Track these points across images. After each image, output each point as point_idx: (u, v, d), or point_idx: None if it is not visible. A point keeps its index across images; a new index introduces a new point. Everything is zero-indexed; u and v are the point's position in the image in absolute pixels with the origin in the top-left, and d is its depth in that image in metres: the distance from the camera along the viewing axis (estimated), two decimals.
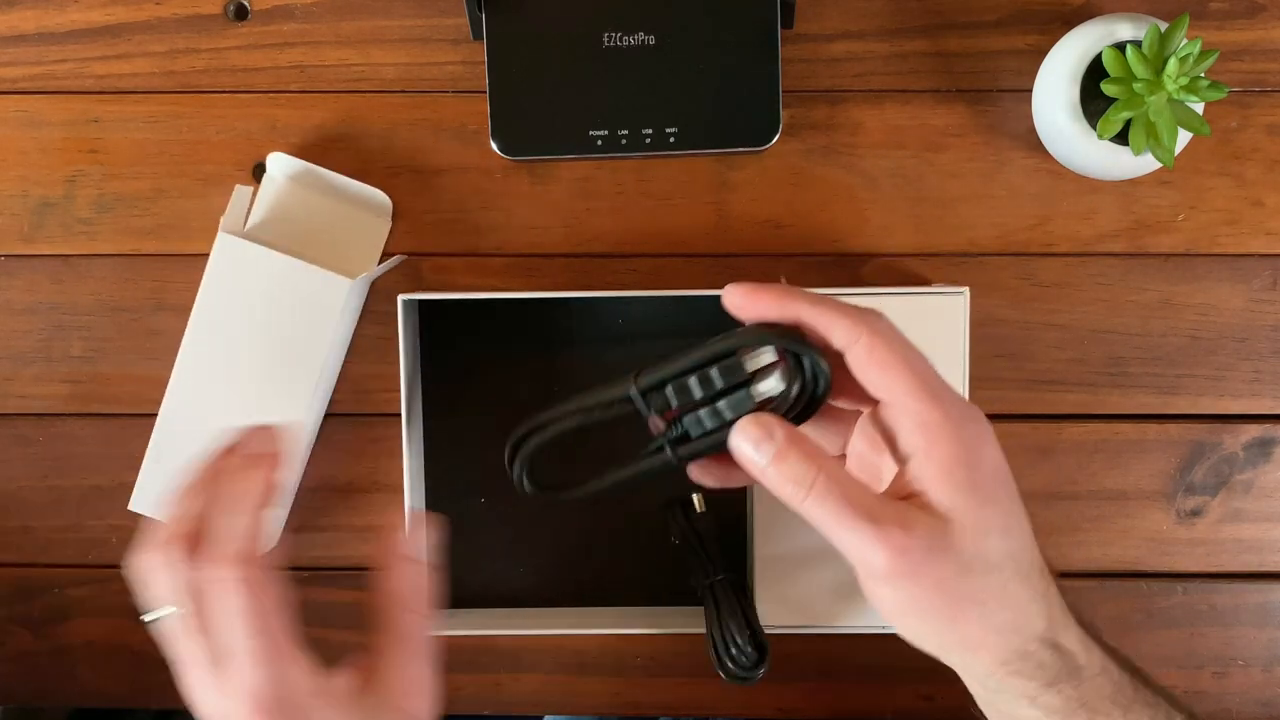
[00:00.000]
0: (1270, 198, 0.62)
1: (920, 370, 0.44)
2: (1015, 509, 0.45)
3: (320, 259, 0.60)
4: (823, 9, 0.62)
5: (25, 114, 0.63)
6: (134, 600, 0.64)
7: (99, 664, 0.65)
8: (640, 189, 0.63)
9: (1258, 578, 0.64)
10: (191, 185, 0.63)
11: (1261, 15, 0.62)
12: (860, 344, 0.45)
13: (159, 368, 0.62)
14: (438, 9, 0.63)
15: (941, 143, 0.62)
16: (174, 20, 0.63)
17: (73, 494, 0.64)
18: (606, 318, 0.61)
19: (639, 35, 0.61)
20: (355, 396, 0.64)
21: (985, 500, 0.44)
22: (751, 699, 0.63)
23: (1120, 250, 0.63)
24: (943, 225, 0.63)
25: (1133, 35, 0.55)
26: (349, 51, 0.63)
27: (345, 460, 0.64)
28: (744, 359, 0.46)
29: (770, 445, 0.45)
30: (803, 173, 0.63)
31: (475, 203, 0.63)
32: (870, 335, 0.44)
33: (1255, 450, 0.63)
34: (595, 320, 0.61)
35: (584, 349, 0.61)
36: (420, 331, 0.61)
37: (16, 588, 0.65)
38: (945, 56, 0.62)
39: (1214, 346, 0.63)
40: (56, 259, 0.64)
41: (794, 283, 0.62)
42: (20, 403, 0.64)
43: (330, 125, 0.63)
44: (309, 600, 0.64)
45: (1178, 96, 0.54)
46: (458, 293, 0.59)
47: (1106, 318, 0.63)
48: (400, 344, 0.58)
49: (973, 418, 0.45)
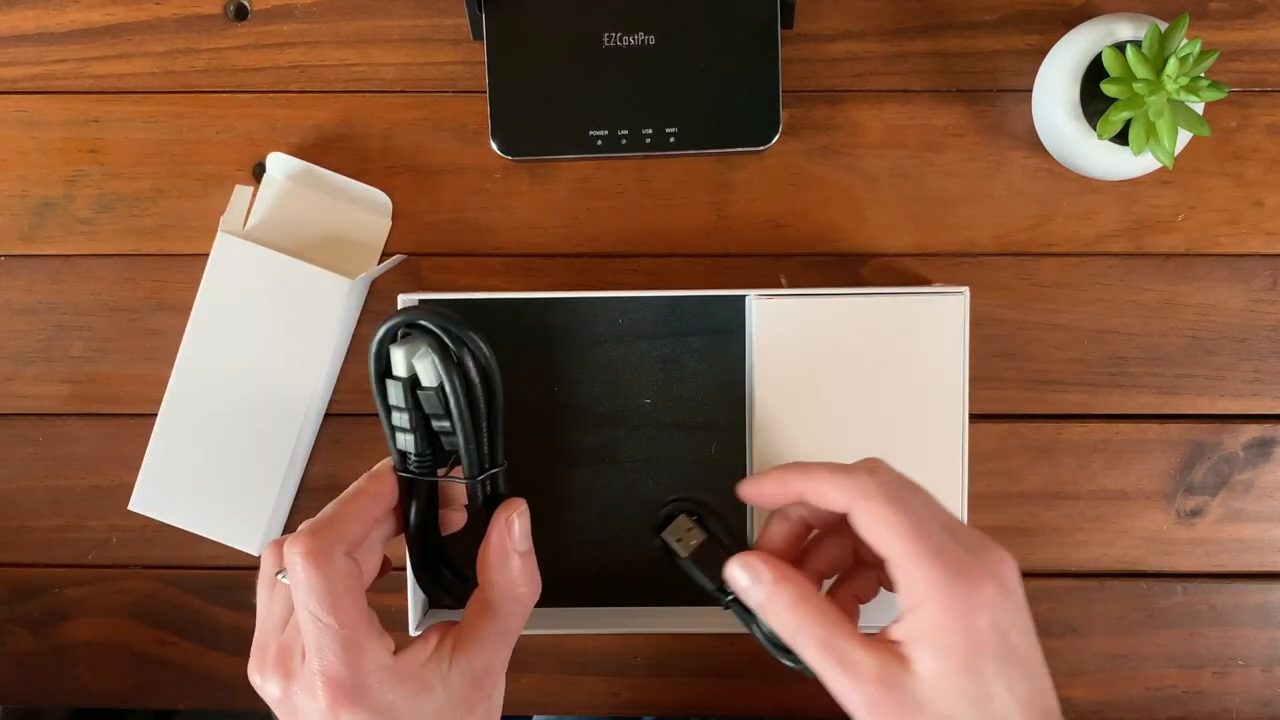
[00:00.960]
0: (1270, 198, 0.62)
1: (919, 527, 0.45)
2: (1002, 679, 0.44)
3: (320, 259, 0.60)
4: (823, 9, 0.62)
5: (25, 114, 0.63)
6: (134, 600, 0.64)
7: (99, 664, 0.65)
8: (640, 189, 0.63)
9: (1258, 578, 0.64)
10: (191, 185, 0.63)
11: (1261, 15, 0.62)
12: (855, 510, 0.46)
13: (159, 368, 0.62)
14: (438, 9, 0.63)
15: (941, 143, 0.62)
16: (174, 20, 0.63)
17: (73, 494, 0.64)
18: (607, 317, 0.61)
19: (639, 35, 0.61)
20: (355, 396, 0.64)
21: (963, 669, 0.44)
22: (751, 699, 0.63)
23: (1120, 250, 0.63)
24: (942, 225, 0.63)
25: (1133, 35, 0.55)
26: (349, 51, 0.63)
27: (345, 460, 0.64)
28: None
29: (760, 590, 0.47)
30: (803, 173, 0.63)
31: (475, 203, 0.63)
32: (863, 500, 0.46)
33: (1255, 450, 0.63)
34: (595, 320, 0.61)
35: (584, 348, 0.61)
36: None
37: (16, 588, 0.65)
38: (945, 56, 0.62)
39: (1214, 346, 0.63)
40: (56, 259, 0.64)
41: (794, 283, 0.62)
42: (20, 403, 0.64)
43: (330, 125, 0.63)
44: None
45: (1178, 96, 0.54)
46: (458, 293, 0.59)
47: (1106, 318, 0.63)
48: None
49: (975, 576, 0.44)
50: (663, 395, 0.59)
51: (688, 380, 0.59)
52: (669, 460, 0.60)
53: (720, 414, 0.58)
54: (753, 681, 0.62)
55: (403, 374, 0.49)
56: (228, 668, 0.64)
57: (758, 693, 0.64)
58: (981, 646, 0.44)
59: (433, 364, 0.48)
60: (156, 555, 0.64)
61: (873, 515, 0.46)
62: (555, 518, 0.61)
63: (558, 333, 0.61)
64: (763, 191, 0.63)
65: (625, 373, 0.60)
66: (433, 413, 0.49)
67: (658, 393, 0.59)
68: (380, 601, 0.64)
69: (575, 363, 0.60)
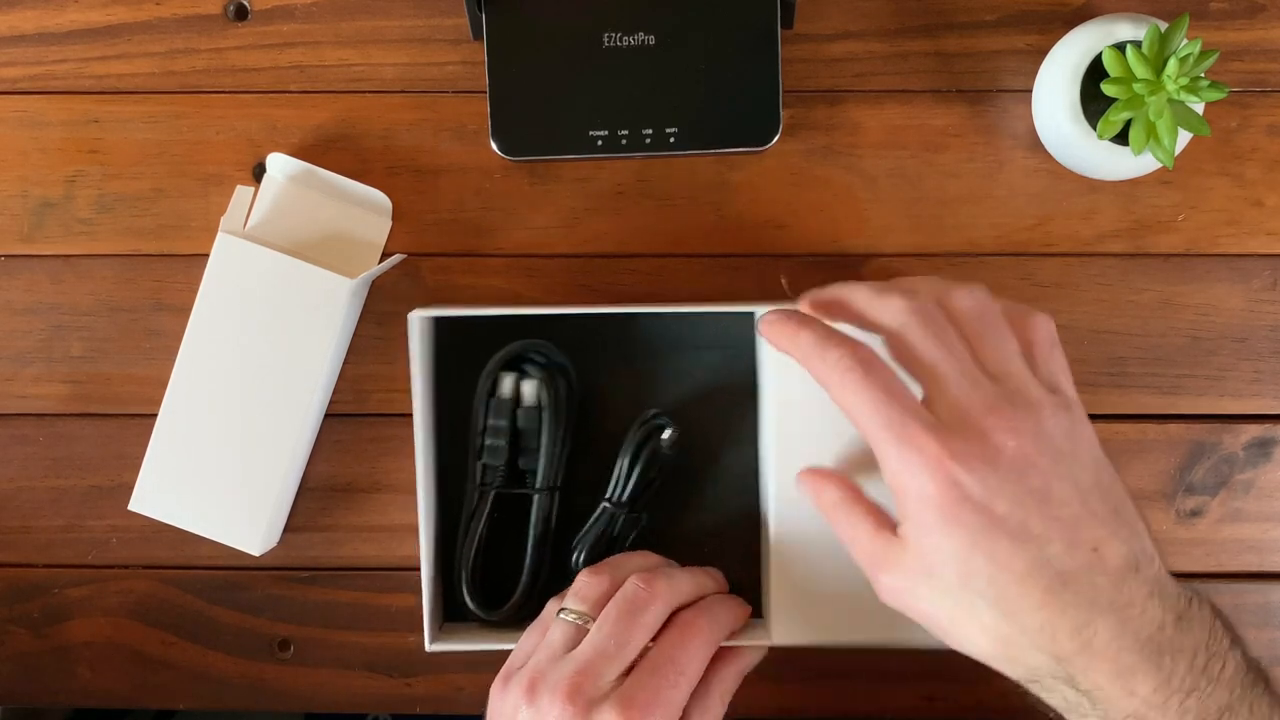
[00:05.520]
0: (1270, 198, 0.62)
1: (882, 407, 0.46)
2: (981, 551, 0.44)
3: (320, 259, 0.60)
4: (823, 9, 0.62)
5: (25, 114, 0.63)
6: (134, 600, 0.64)
7: (99, 664, 0.65)
8: (640, 189, 0.63)
9: (1258, 578, 0.64)
10: (191, 185, 0.63)
11: (1261, 15, 0.62)
12: (829, 386, 0.48)
13: (159, 368, 0.62)
14: (438, 9, 0.63)
15: (941, 143, 0.62)
16: (174, 20, 0.63)
17: (73, 494, 0.64)
18: (613, 333, 0.61)
19: (639, 35, 0.61)
20: (355, 396, 0.64)
21: (936, 544, 0.45)
22: (752, 699, 0.63)
23: (1120, 250, 0.63)
24: (942, 225, 0.63)
25: (1133, 35, 0.55)
26: (349, 51, 0.63)
27: (345, 460, 0.64)
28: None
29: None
30: (803, 173, 0.63)
31: (475, 203, 0.63)
32: (836, 375, 0.48)
33: (1255, 450, 0.63)
34: (602, 335, 0.61)
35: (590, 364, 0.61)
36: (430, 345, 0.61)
37: (16, 588, 0.65)
38: (945, 56, 0.62)
39: (1214, 346, 0.63)
40: (56, 259, 0.64)
41: (794, 283, 0.62)
42: (20, 403, 0.64)
43: (330, 125, 0.63)
44: (309, 600, 0.64)
45: (1178, 97, 0.54)
46: (463, 308, 0.59)
47: (1106, 318, 0.63)
48: (412, 363, 0.58)
49: (932, 455, 0.45)
50: (672, 411, 0.60)
51: (698, 394, 0.59)
52: (679, 476, 0.60)
53: (723, 426, 0.58)
54: (753, 682, 0.61)
55: (508, 394, 0.58)
56: (228, 668, 0.64)
57: (758, 693, 0.64)
58: (952, 521, 0.45)
59: (537, 386, 0.58)
60: (156, 555, 0.64)
61: (843, 394, 0.47)
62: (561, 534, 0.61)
63: (563, 347, 0.60)
64: (763, 192, 0.63)
65: (632, 388, 0.60)
66: (525, 428, 0.58)
67: (667, 408, 0.60)
68: (379, 600, 0.64)
69: (583, 379, 0.60)
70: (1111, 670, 0.44)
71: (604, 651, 0.51)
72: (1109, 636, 0.44)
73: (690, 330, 0.60)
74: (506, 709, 0.51)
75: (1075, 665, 0.44)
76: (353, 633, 0.64)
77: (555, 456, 0.58)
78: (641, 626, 0.52)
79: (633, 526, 0.59)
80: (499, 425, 0.58)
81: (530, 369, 0.58)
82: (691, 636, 0.53)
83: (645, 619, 0.52)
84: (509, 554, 0.59)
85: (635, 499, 0.58)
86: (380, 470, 0.64)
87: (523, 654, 0.54)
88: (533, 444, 0.58)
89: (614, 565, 0.55)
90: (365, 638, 0.64)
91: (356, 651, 0.64)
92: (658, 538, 0.59)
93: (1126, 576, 0.44)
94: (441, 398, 0.61)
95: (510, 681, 0.51)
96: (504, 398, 0.58)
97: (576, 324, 0.59)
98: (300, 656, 0.64)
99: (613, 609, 0.52)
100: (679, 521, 0.61)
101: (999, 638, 0.45)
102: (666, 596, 0.53)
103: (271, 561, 0.63)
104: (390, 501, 0.63)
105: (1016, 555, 0.44)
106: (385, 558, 0.64)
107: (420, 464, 0.58)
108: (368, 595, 0.64)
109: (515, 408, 0.58)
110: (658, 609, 0.53)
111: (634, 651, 0.52)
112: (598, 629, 0.52)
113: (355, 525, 0.64)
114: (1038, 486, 0.45)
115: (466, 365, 0.59)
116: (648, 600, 0.53)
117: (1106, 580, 0.44)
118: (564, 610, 0.54)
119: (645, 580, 0.53)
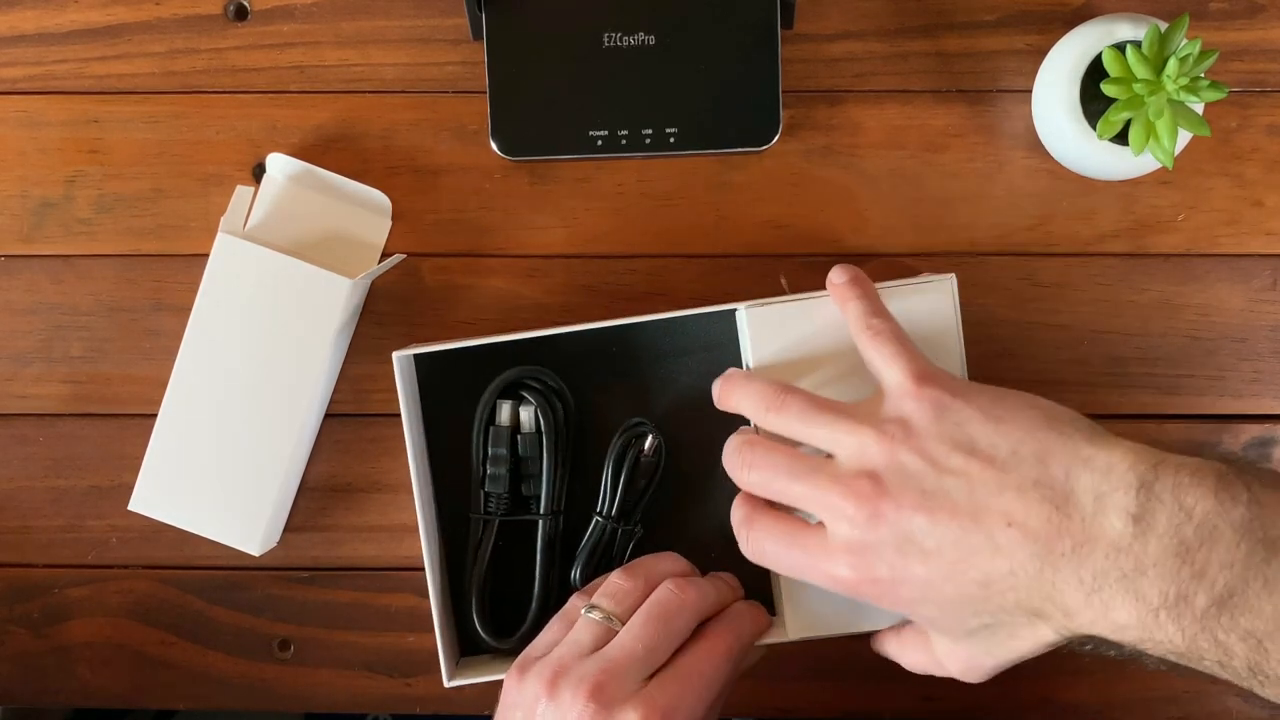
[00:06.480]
0: (1270, 198, 0.62)
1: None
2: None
3: (320, 259, 0.60)
4: (823, 9, 0.62)
5: (25, 114, 0.63)
6: (134, 600, 0.64)
7: (99, 664, 0.65)
8: (640, 189, 0.63)
9: None
10: (191, 185, 0.63)
11: (1261, 15, 0.62)
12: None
13: (159, 368, 0.62)
14: (438, 9, 0.63)
15: (941, 143, 0.62)
16: (174, 20, 0.63)
17: (73, 494, 0.64)
18: (599, 348, 0.61)
19: (639, 35, 0.61)
20: (355, 396, 0.64)
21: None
22: (752, 699, 0.63)
23: (1120, 250, 0.63)
24: (942, 225, 0.63)
25: (1133, 35, 0.55)
26: (349, 51, 0.63)
27: (345, 460, 0.64)
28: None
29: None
30: (803, 173, 0.63)
31: (475, 203, 0.63)
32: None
33: (1255, 450, 0.63)
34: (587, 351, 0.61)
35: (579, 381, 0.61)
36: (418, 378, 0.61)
37: (16, 588, 0.65)
38: (945, 56, 0.62)
39: (1214, 346, 0.63)
40: (56, 259, 0.64)
41: (794, 283, 0.62)
42: (20, 403, 0.64)
43: (330, 125, 0.63)
44: (309, 600, 0.64)
45: (1178, 97, 0.54)
46: (451, 342, 0.58)
47: (1106, 318, 0.63)
48: (401, 403, 0.58)
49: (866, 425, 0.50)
50: (660, 418, 0.60)
51: (692, 399, 0.59)
52: (671, 482, 0.60)
53: (719, 428, 0.58)
54: (754, 681, 0.61)
55: (506, 422, 0.58)
56: (227, 668, 0.64)
57: (758, 693, 0.64)
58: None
59: (534, 412, 0.58)
60: (156, 555, 0.64)
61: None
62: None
63: (551, 365, 0.60)
64: (763, 192, 0.63)
65: (624, 400, 0.60)
66: (526, 455, 0.58)
67: (655, 416, 0.60)
68: (379, 600, 0.64)
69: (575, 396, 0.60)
70: (1098, 617, 0.46)
71: (632, 653, 0.51)
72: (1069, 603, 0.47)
73: (677, 335, 0.60)
74: (524, 699, 0.51)
75: (1071, 625, 0.47)
76: (352, 633, 0.64)
77: (556, 481, 0.58)
78: (672, 633, 0.52)
79: (629, 538, 0.59)
80: (499, 454, 0.58)
81: (527, 394, 0.58)
82: (720, 650, 0.53)
83: (676, 626, 0.53)
84: (514, 578, 0.59)
85: (627, 510, 0.58)
86: (380, 470, 0.64)
87: (544, 645, 0.54)
88: (533, 470, 0.59)
89: (646, 568, 0.56)
90: (365, 638, 0.64)
91: (356, 651, 0.64)
92: (666, 545, 0.59)
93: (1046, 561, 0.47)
94: (435, 425, 0.61)
95: (529, 672, 0.51)
96: (502, 425, 0.58)
97: (562, 342, 0.59)
98: (300, 656, 0.64)
99: (645, 613, 0.53)
100: (686, 527, 0.60)
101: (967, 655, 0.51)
102: (698, 605, 0.54)
103: (271, 561, 0.63)
104: (390, 501, 0.63)
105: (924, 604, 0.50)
106: (385, 558, 0.64)
107: (419, 501, 0.58)
108: (367, 595, 0.64)
109: (514, 434, 0.59)
110: (688, 617, 0.53)
111: (662, 657, 0.52)
112: (628, 630, 0.52)
113: (355, 525, 0.64)
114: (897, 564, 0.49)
115: (460, 392, 0.60)
116: (680, 608, 0.53)
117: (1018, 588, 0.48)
118: (593, 608, 0.54)
119: (680, 587, 0.53)
